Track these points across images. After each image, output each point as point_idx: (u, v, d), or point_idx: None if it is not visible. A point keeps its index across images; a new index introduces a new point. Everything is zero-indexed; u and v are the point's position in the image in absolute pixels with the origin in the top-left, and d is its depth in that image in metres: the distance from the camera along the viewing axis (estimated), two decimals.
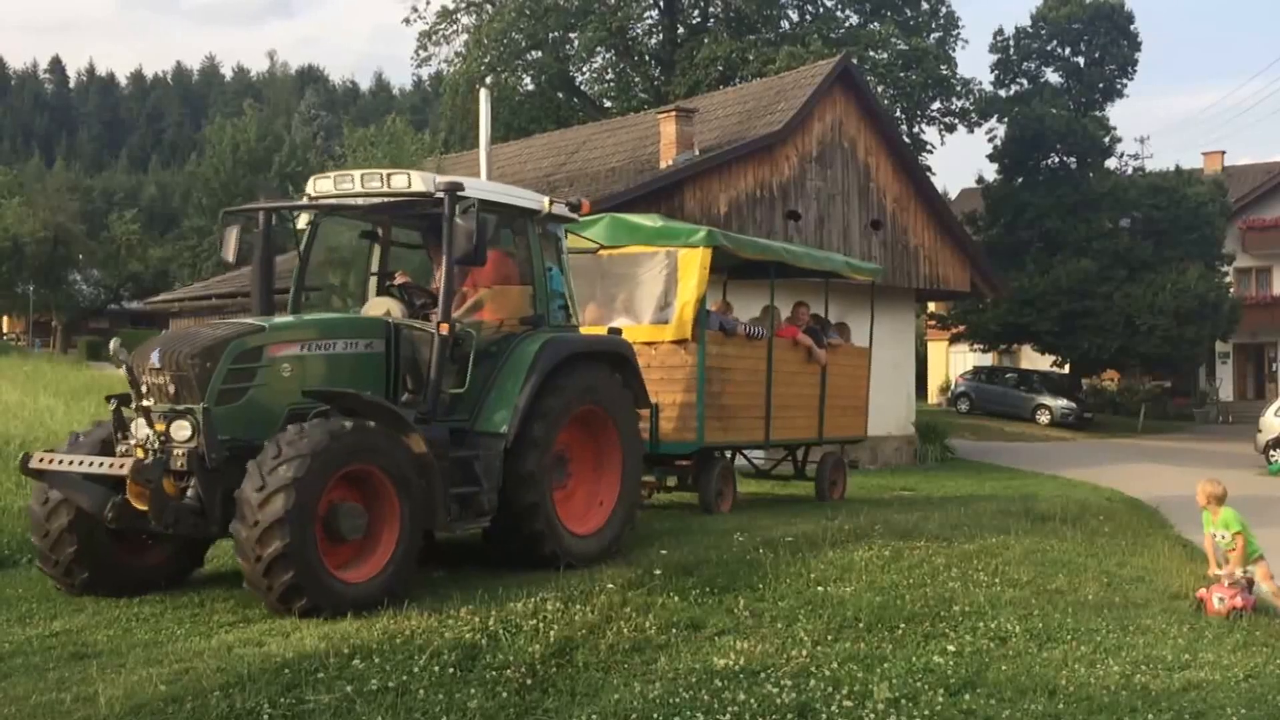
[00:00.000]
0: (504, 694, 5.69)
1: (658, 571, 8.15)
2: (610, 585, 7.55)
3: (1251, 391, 43.75)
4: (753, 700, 5.73)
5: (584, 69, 40.53)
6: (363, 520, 7.06)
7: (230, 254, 8.83)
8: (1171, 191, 37.08)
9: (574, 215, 9.36)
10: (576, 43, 38.30)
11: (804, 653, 6.57)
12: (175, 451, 6.89)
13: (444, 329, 7.84)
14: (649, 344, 11.04)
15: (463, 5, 39.86)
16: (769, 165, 20.65)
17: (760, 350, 12.32)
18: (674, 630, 6.90)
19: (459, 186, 7.93)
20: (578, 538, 8.65)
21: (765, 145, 20.49)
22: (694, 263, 11.17)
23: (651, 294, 11.52)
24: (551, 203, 8.96)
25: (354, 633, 6.37)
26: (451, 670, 5.92)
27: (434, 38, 40.45)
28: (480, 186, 8.55)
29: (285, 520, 6.43)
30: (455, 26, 40.11)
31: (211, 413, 6.88)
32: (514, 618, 6.79)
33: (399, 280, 8.81)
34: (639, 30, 39.71)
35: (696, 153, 20.21)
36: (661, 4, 38.66)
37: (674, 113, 20.76)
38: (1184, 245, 36.40)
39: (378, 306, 8.53)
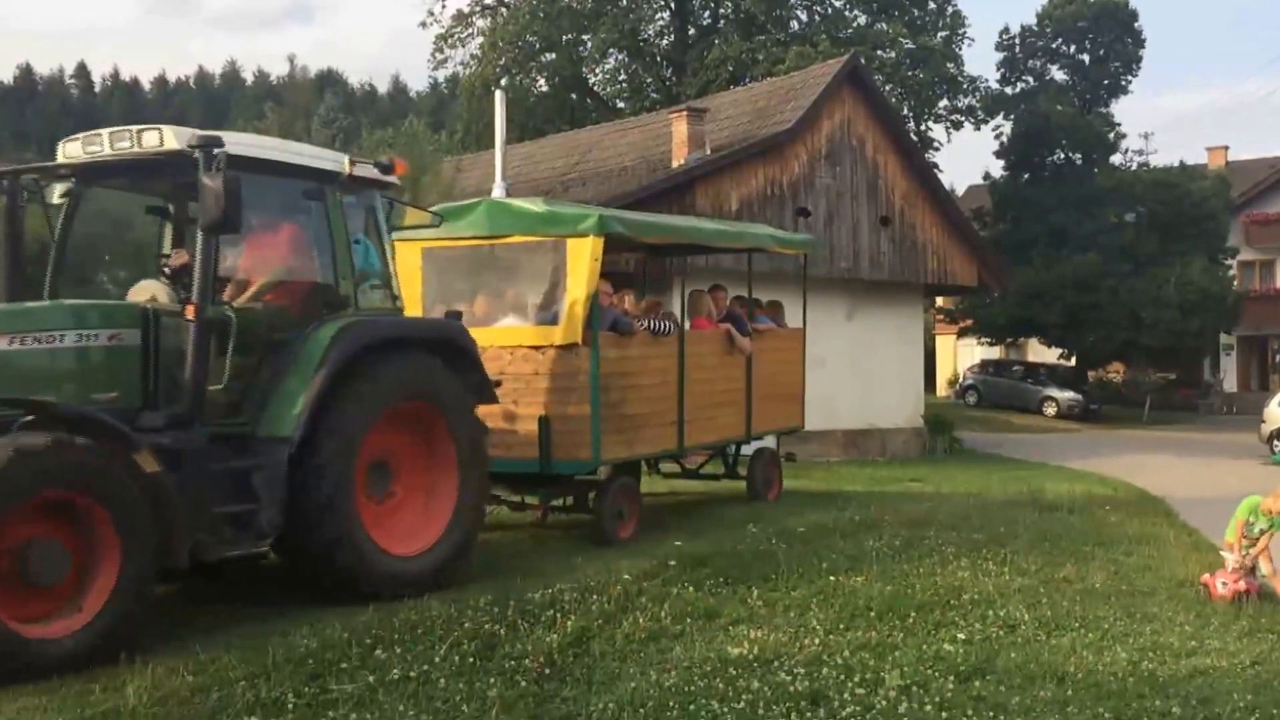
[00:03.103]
0: (522, 683, 5.79)
1: (673, 563, 8.29)
2: (626, 576, 7.68)
3: (1255, 383, 43.72)
4: (766, 688, 5.82)
5: (597, 70, 40.70)
6: (64, 561, 5.78)
7: None
8: (1176, 186, 37.05)
9: (386, 179, 7.93)
10: (589, 45, 38.45)
11: (816, 641, 6.67)
12: None
13: (190, 312, 6.60)
14: (536, 348, 9.55)
15: (478, 9, 40.11)
16: (779, 163, 20.73)
17: (669, 348, 10.66)
18: (689, 620, 7.01)
19: (216, 141, 6.66)
20: (398, 560, 7.36)
21: (775, 144, 20.54)
22: (584, 254, 9.47)
23: (539, 290, 9.99)
24: (353, 163, 7.63)
25: (376, 623, 6.49)
26: (471, 660, 6.02)
27: (450, 41, 40.62)
28: (253, 143, 7.33)
29: None
30: (470, 30, 40.32)
31: None
32: (532, 608, 6.92)
33: (175, 261, 7.33)
34: (650, 32, 39.87)
35: (708, 151, 20.29)
36: (672, 6, 38.78)
37: (685, 112, 20.85)
38: (1188, 239, 36.38)
39: (141, 292, 7.23)
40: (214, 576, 7.42)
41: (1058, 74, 39.34)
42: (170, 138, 6.79)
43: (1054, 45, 38.93)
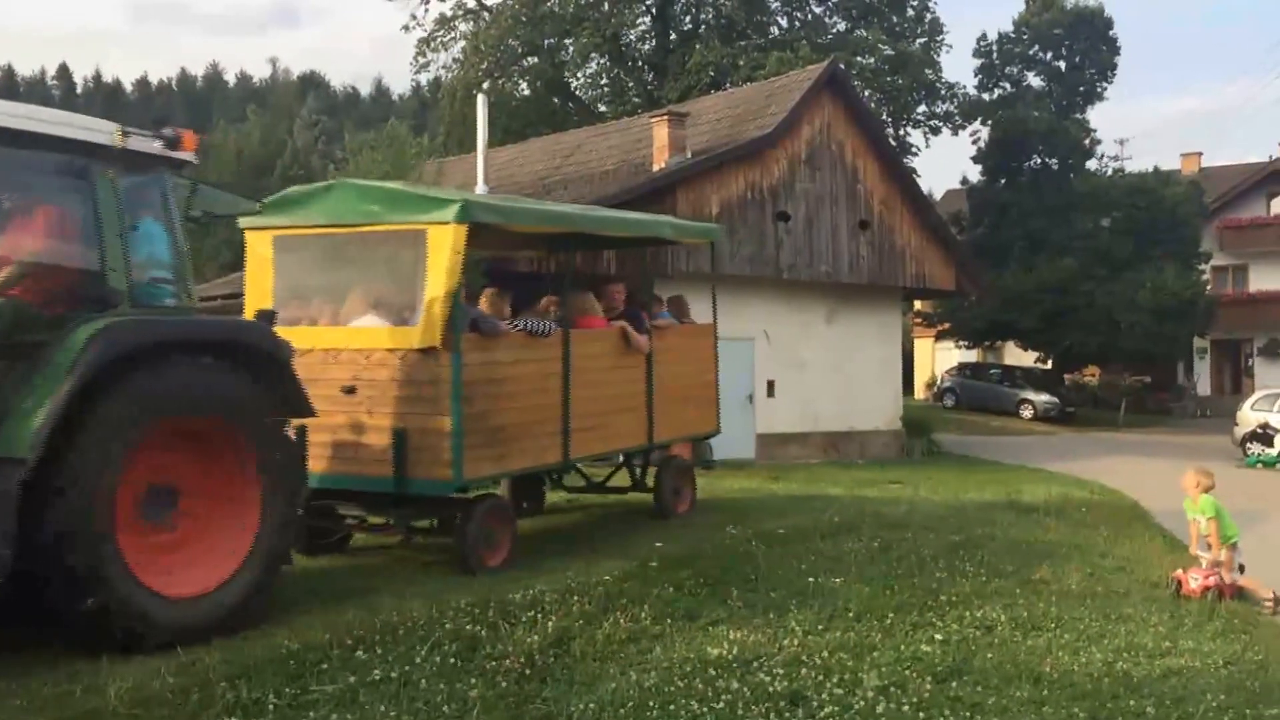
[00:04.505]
0: (503, 684, 5.79)
1: (653, 563, 8.32)
2: (607, 577, 7.69)
3: (1228, 386, 44.19)
4: (746, 689, 5.85)
5: (579, 74, 40.86)
6: None
7: None
8: (1150, 192, 37.48)
9: (174, 154, 6.82)
10: (571, 49, 38.62)
11: (795, 642, 6.71)
12: None
13: None
14: (392, 351, 8.42)
15: (460, 13, 40.19)
16: (759, 168, 20.84)
17: (549, 350, 9.40)
18: (669, 621, 7.03)
19: None
20: (176, 602, 6.25)
21: (756, 148, 20.67)
22: (445, 244, 8.23)
23: (397, 285, 8.86)
24: (125, 134, 6.49)
25: (357, 624, 6.49)
26: (452, 660, 6.03)
27: (432, 45, 40.68)
28: None
29: None
30: (453, 34, 40.40)
31: None
32: (513, 609, 6.92)
33: None
34: (632, 37, 40.01)
35: (689, 155, 20.39)
36: (654, 11, 38.92)
37: (667, 117, 20.95)
38: (1163, 245, 36.80)
39: None
40: None
41: (1034, 80, 39.76)
42: None
43: (1031, 52, 39.32)
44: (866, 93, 33.50)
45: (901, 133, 37.77)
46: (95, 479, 5.89)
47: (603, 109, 39.19)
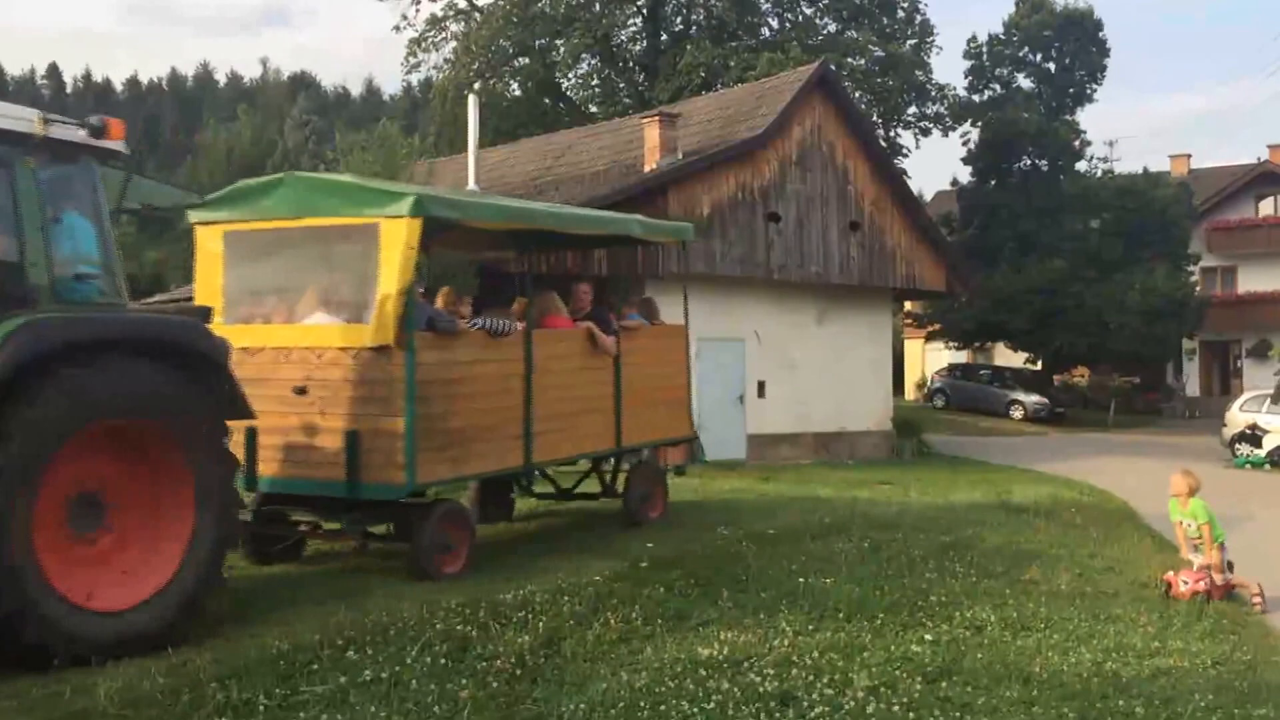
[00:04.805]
0: (494, 684, 5.80)
1: (644, 564, 8.32)
2: (597, 577, 7.70)
3: (1217, 387, 44.39)
4: (736, 689, 5.86)
5: (570, 75, 40.87)
6: None
7: None
8: (1140, 194, 37.63)
9: (100, 144, 6.52)
10: (562, 50, 38.62)
11: (786, 642, 6.73)
12: None
13: None
14: (345, 350, 8.13)
15: (452, 13, 40.18)
16: (750, 169, 20.86)
17: (510, 350, 9.11)
18: (660, 621, 7.05)
19: None
20: (97, 617, 5.94)
21: (747, 149, 20.67)
22: (398, 239, 7.99)
23: (350, 282, 8.56)
24: (46, 122, 6.23)
25: (348, 625, 6.48)
26: (443, 661, 6.03)
27: (423, 45, 40.68)
28: None
29: None
30: (444, 34, 40.43)
31: None
32: (503, 609, 6.92)
33: None
34: (623, 37, 40.03)
35: (679, 156, 20.39)
36: (645, 12, 38.95)
37: (657, 118, 20.94)
38: (1152, 246, 36.97)
39: None
40: None
41: (1024, 82, 39.89)
42: None
43: (1021, 54, 39.45)
44: (857, 94, 33.57)
45: (892, 134, 37.88)
46: (11, 487, 5.59)
47: (594, 110, 39.22)
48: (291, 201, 8.50)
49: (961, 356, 45.51)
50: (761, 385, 21.62)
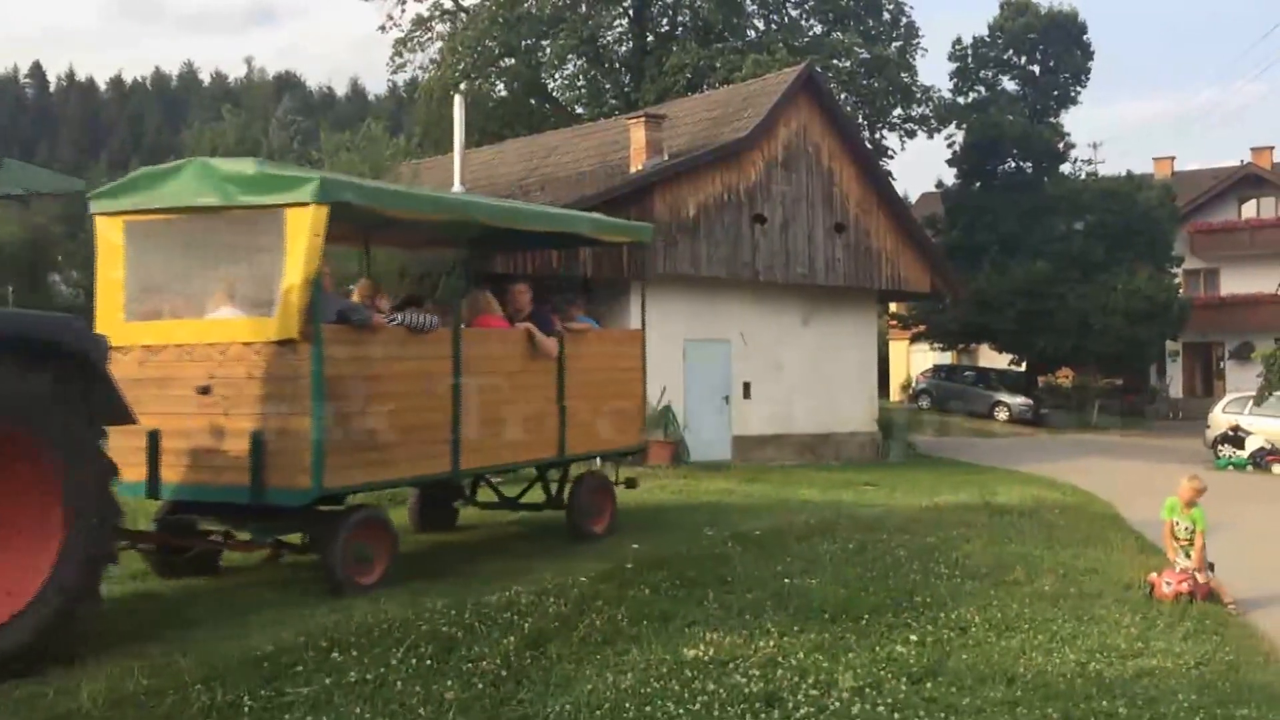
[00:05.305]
0: (479, 685, 5.79)
1: (629, 565, 8.31)
2: (583, 578, 7.69)
3: (1200, 389, 44.73)
4: (721, 690, 5.87)
5: (556, 76, 40.89)
6: None
7: None
8: (1123, 196, 37.88)
9: None
10: (548, 50, 38.60)
11: (771, 643, 6.73)
12: None
13: None
14: (249, 345, 7.61)
15: (437, 14, 40.17)
16: (736, 170, 20.90)
17: (435, 348, 8.49)
18: (645, 622, 7.04)
19: None
20: None
21: (732, 151, 20.72)
22: (304, 227, 7.47)
23: (255, 274, 8.00)
24: None
25: (332, 626, 6.45)
26: (428, 662, 6.01)
27: (409, 45, 40.68)
28: None
29: None
30: (430, 34, 40.41)
31: None
32: (489, 610, 6.90)
33: None
34: (609, 38, 40.05)
35: (665, 158, 20.41)
36: (631, 13, 38.99)
37: (643, 119, 20.97)
38: (1135, 248, 37.24)
39: None
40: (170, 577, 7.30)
41: (1009, 84, 40.13)
42: None
43: (1005, 56, 39.68)
44: (843, 96, 33.71)
45: (877, 136, 37.99)
46: None
47: (580, 110, 39.24)
48: (194, 189, 7.91)
49: (946, 358, 45.73)
50: (747, 386, 21.66)
